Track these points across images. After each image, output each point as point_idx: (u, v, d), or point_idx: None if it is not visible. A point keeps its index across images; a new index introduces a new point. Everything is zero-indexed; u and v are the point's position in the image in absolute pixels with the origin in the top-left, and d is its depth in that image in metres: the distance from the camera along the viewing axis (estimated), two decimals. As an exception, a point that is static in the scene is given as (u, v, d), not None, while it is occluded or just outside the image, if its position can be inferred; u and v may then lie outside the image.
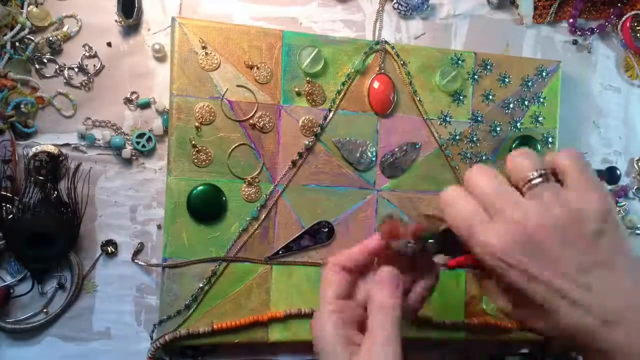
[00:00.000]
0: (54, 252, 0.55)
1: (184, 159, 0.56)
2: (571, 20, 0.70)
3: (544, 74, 0.66)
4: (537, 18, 0.70)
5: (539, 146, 0.65)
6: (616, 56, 0.72)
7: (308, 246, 0.59)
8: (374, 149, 0.61)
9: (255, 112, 0.58)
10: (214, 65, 0.57)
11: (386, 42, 0.61)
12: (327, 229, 0.60)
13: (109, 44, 0.58)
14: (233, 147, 0.58)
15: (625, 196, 0.71)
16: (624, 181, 0.72)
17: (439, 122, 0.63)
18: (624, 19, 0.70)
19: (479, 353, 0.67)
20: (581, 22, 0.71)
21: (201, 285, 0.56)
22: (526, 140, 0.65)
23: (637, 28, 0.71)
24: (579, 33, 0.70)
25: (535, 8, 0.69)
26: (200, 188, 0.56)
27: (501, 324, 0.63)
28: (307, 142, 0.59)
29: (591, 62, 0.71)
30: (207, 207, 0.56)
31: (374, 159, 0.61)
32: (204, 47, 0.57)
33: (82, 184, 0.56)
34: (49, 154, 0.55)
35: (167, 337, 0.55)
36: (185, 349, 0.58)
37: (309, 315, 0.58)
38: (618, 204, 0.71)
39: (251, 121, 0.58)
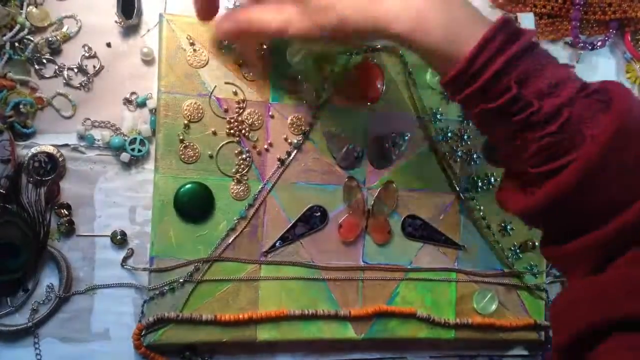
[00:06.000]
0: (20, 264, 0.51)
1: (171, 156, 0.54)
2: (573, 39, 0.67)
3: (535, 70, 0.66)
4: (539, 35, 0.66)
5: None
6: (617, 57, 0.70)
7: (304, 233, 0.57)
8: (360, 149, 0.59)
9: (244, 109, 0.57)
10: (202, 62, 0.55)
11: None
12: (319, 213, 0.58)
13: (109, 45, 0.55)
14: (221, 144, 0.55)
15: None
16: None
17: (429, 120, 0.61)
18: (624, 34, 0.68)
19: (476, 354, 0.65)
20: (582, 38, 0.67)
21: (182, 280, 0.54)
22: None
23: (637, 37, 0.69)
24: (580, 45, 0.67)
25: (537, 26, 0.66)
26: (187, 186, 0.54)
27: (493, 323, 0.61)
28: (296, 141, 0.57)
29: (592, 63, 0.69)
30: (194, 206, 0.54)
31: (359, 160, 0.59)
32: (191, 44, 0.54)
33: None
34: (48, 154, 0.54)
35: (151, 318, 0.53)
36: (183, 350, 0.56)
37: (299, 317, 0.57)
38: None
39: (240, 118, 0.56)
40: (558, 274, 0.67)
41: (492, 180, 0.62)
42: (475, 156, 0.62)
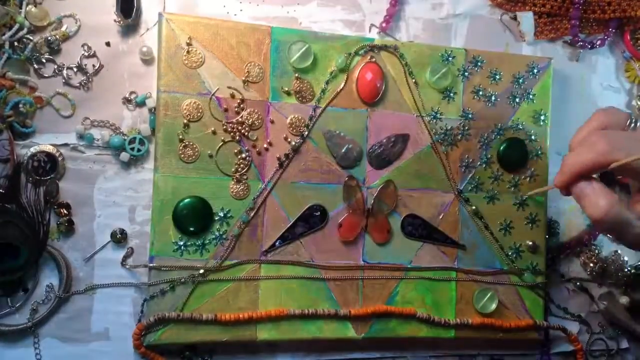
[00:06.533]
0: (20, 264, 0.51)
1: (171, 155, 0.54)
2: (573, 38, 0.67)
3: (535, 70, 0.63)
4: (539, 34, 0.67)
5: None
6: (616, 56, 0.70)
7: (304, 232, 0.57)
8: (360, 148, 0.59)
9: (244, 109, 0.56)
10: (201, 61, 0.55)
11: (374, 40, 0.59)
12: (319, 212, 0.58)
13: (108, 44, 0.55)
14: (221, 144, 0.55)
15: None
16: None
17: (429, 119, 0.61)
18: (623, 33, 0.68)
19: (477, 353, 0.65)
20: (582, 37, 0.68)
21: (182, 280, 0.54)
22: (516, 139, 0.63)
23: (637, 36, 0.69)
24: (580, 44, 0.67)
25: (536, 25, 0.66)
26: (186, 201, 0.54)
27: (493, 323, 0.61)
28: (295, 140, 0.57)
29: (591, 62, 0.69)
30: (192, 221, 0.54)
31: (358, 159, 0.59)
32: (188, 44, 0.54)
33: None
34: (47, 154, 0.53)
35: (152, 318, 0.53)
36: (183, 350, 0.56)
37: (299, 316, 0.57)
38: None
39: (239, 118, 0.56)
40: (559, 273, 0.67)
41: (492, 179, 0.62)
42: (469, 158, 0.62)
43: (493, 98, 0.63)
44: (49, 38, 0.54)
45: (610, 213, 0.44)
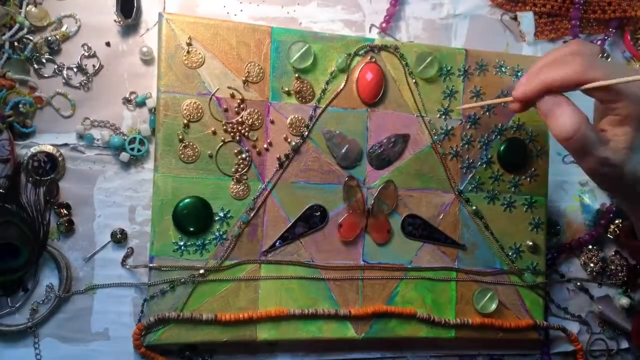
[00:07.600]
0: (20, 264, 0.51)
1: (171, 156, 0.53)
2: (573, 38, 0.67)
3: (535, 69, 0.66)
4: (539, 35, 0.67)
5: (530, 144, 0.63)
6: (616, 56, 0.69)
7: (303, 233, 0.57)
8: (360, 148, 0.59)
9: (244, 109, 0.56)
10: (201, 61, 0.55)
11: (375, 40, 0.59)
12: (319, 212, 0.58)
13: (108, 44, 0.55)
14: (221, 144, 0.55)
15: (611, 219, 0.67)
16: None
17: (429, 120, 0.61)
18: (623, 33, 0.68)
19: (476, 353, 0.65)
20: (582, 37, 0.68)
21: (182, 280, 0.54)
22: (516, 139, 0.63)
23: (637, 36, 0.69)
24: None
25: (536, 26, 0.67)
26: (186, 201, 0.54)
27: (493, 323, 0.61)
28: (295, 142, 0.57)
29: None
30: (192, 221, 0.54)
31: (358, 159, 0.59)
32: (189, 44, 0.54)
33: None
34: (47, 154, 0.53)
35: (152, 318, 0.53)
36: (183, 350, 0.56)
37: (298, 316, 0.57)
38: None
39: (239, 118, 0.56)
40: (559, 273, 0.67)
41: (492, 180, 0.62)
42: (470, 159, 0.62)
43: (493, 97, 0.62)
44: (49, 38, 0.54)
45: (579, 133, 0.42)
